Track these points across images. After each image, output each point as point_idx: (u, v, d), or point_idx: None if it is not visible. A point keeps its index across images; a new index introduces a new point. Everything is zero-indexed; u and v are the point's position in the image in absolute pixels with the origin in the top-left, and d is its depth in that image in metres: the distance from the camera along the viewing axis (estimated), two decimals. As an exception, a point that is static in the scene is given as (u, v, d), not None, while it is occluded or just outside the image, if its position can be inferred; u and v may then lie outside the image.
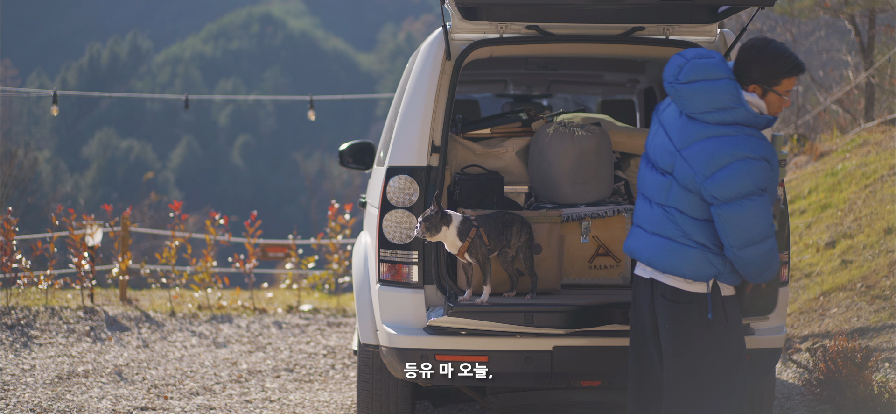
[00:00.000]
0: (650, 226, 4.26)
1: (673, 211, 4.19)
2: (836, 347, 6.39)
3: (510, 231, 4.98)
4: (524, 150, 5.82)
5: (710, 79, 4.14)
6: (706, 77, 4.14)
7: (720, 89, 4.12)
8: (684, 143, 4.16)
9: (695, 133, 4.15)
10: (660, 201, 4.23)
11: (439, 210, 4.80)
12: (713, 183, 4.05)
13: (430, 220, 4.78)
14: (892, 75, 14.80)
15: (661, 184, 4.22)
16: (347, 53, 70.61)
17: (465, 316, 4.81)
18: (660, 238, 4.22)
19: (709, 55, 4.23)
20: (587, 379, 5.12)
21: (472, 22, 5.28)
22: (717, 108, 4.12)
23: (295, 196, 52.95)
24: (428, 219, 4.78)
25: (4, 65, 49.48)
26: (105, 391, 7.57)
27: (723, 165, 4.05)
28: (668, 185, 4.20)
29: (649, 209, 4.29)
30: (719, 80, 4.14)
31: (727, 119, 4.12)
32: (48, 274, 10.92)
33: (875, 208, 9.88)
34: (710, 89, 4.12)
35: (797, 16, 15.31)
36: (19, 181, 29.00)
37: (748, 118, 4.12)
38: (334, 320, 10.87)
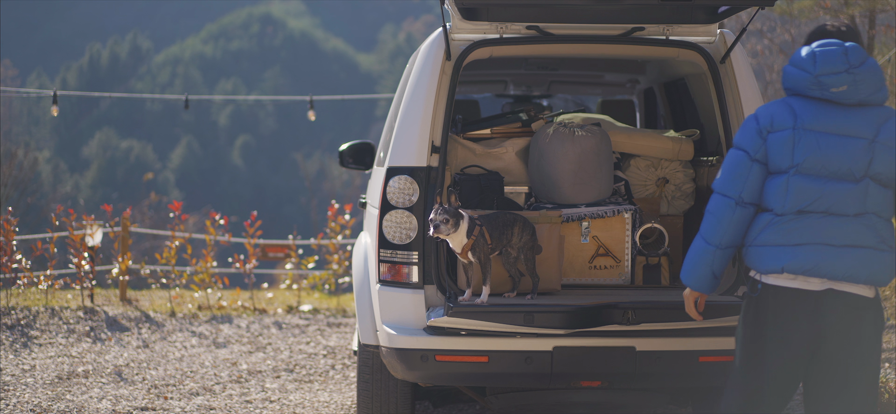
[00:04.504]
0: (841, 239, 4.03)
1: (871, 217, 4.06)
2: (836, 347, 6.37)
3: (512, 231, 4.98)
4: (524, 151, 5.82)
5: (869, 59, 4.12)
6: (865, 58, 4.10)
7: (877, 67, 4.12)
8: (873, 132, 4.05)
9: (873, 117, 4.07)
10: (854, 211, 4.04)
11: (456, 206, 4.83)
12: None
13: (454, 214, 4.79)
14: (893, 75, 14.81)
15: (853, 192, 4.03)
16: (347, 53, 70.60)
17: (465, 316, 4.81)
18: (860, 250, 4.03)
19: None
20: (587, 379, 5.12)
21: (472, 22, 5.29)
22: (881, 87, 4.10)
23: (295, 196, 52.95)
24: (451, 213, 4.79)
25: (4, 65, 49.48)
26: (105, 391, 7.57)
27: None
28: (863, 191, 4.04)
29: (830, 223, 4.04)
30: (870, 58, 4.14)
31: (886, 96, 4.11)
32: (48, 274, 10.92)
33: (875, 208, 9.88)
34: (874, 68, 4.11)
35: (797, 16, 15.29)
36: (19, 181, 29.00)
37: None
38: (334, 321, 10.87)
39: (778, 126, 4.10)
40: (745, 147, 4.16)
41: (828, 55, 4.06)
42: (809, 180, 4.05)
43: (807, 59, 4.09)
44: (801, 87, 4.11)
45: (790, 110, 4.11)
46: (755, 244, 4.14)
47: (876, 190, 4.04)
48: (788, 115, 4.10)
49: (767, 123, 4.12)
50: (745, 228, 4.20)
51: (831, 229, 4.03)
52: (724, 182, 4.19)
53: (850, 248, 4.02)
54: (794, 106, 4.12)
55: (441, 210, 4.80)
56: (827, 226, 4.04)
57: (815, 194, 4.04)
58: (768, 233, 4.10)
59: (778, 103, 4.17)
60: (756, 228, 4.16)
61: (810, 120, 4.07)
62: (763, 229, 4.12)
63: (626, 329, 4.80)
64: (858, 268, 4.00)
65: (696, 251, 4.26)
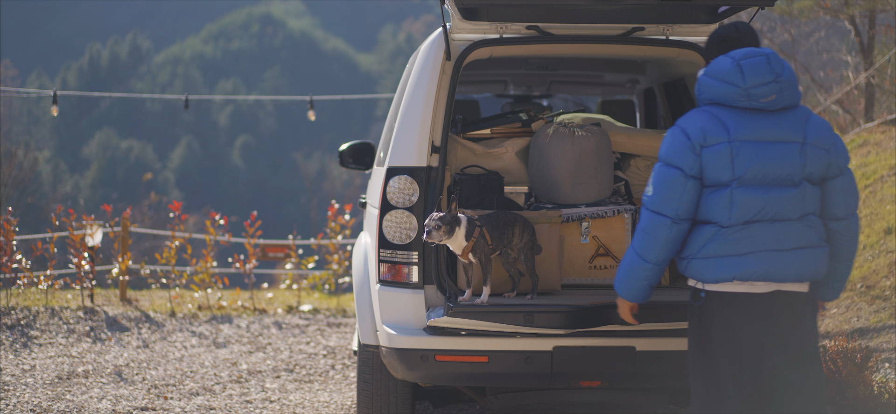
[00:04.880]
0: (786, 244, 4.12)
1: (811, 217, 4.17)
2: (836, 347, 6.39)
3: (512, 231, 4.98)
4: (524, 151, 5.82)
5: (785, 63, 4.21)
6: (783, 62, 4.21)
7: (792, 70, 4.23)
8: (802, 134, 4.16)
9: (797, 119, 4.18)
10: (793, 215, 4.13)
11: (455, 212, 4.82)
12: (840, 150, 4.21)
13: (449, 222, 4.79)
14: (892, 75, 14.80)
15: (794, 196, 4.13)
16: (347, 54, 70.60)
17: (465, 316, 4.81)
18: (804, 250, 4.14)
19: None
20: (587, 379, 5.12)
21: (472, 22, 5.29)
22: (798, 87, 4.22)
23: (295, 196, 52.95)
24: (446, 221, 4.79)
25: (4, 65, 49.49)
26: (105, 391, 7.57)
27: (834, 133, 4.23)
28: (802, 194, 4.14)
29: (775, 229, 4.12)
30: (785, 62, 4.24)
31: (801, 95, 4.26)
32: (48, 274, 10.92)
33: (875, 208, 9.88)
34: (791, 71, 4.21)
35: (797, 16, 15.31)
36: (19, 181, 29.01)
37: None
38: (334, 321, 10.87)
39: (711, 140, 4.11)
40: (678, 165, 4.14)
41: (755, 67, 4.12)
42: (753, 191, 4.10)
43: (734, 73, 4.12)
44: (729, 99, 4.14)
45: (720, 123, 4.13)
46: (699, 257, 4.16)
47: (811, 190, 4.16)
48: (720, 128, 4.12)
49: (700, 138, 4.12)
50: (680, 243, 4.22)
51: (778, 235, 4.11)
52: (659, 201, 4.16)
53: (797, 250, 4.12)
54: (721, 117, 4.14)
55: (436, 217, 4.79)
56: (773, 232, 4.11)
57: (760, 204, 4.10)
58: (714, 245, 4.12)
59: (702, 115, 4.17)
60: (699, 241, 4.16)
61: (744, 131, 4.11)
62: (708, 242, 4.13)
63: (626, 329, 4.80)
64: (804, 268, 4.13)
65: (631, 266, 4.27)
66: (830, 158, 4.18)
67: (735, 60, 4.15)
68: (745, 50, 4.19)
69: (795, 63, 17.60)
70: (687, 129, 4.16)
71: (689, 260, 4.20)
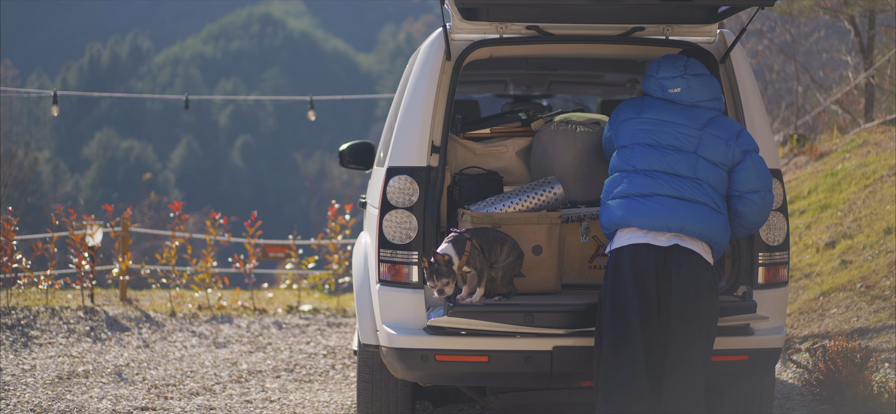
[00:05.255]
0: (680, 192, 4.69)
1: (703, 183, 4.75)
2: (836, 347, 6.39)
3: (501, 249, 4.98)
4: (524, 150, 5.82)
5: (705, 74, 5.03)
6: (703, 71, 5.01)
7: (713, 82, 5.03)
8: (701, 125, 4.86)
9: (702, 115, 4.91)
10: (687, 173, 4.77)
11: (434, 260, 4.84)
12: (745, 138, 4.85)
13: (439, 269, 4.84)
14: (892, 75, 14.80)
15: (686, 159, 4.79)
16: (347, 54, 70.61)
17: (466, 316, 4.81)
18: (695, 204, 4.68)
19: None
20: (587, 379, 5.12)
21: (472, 22, 5.29)
22: (716, 98, 5.00)
23: (295, 196, 52.95)
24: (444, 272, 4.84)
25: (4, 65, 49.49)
26: (105, 391, 7.57)
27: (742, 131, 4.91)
28: (694, 161, 4.78)
29: (673, 180, 4.73)
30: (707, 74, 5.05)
31: (721, 107, 5.01)
32: (48, 274, 10.92)
33: (875, 208, 9.88)
34: (709, 81, 5.02)
35: (797, 16, 15.31)
36: (19, 181, 29.01)
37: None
38: (334, 320, 10.87)
39: (624, 117, 5.00)
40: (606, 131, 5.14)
41: (667, 62, 5.01)
42: (651, 149, 4.83)
43: (653, 66, 5.04)
44: (650, 90, 5.02)
45: (638, 106, 5.01)
46: (613, 197, 4.82)
47: (704, 164, 4.77)
48: (636, 109, 5.00)
49: (616, 117, 5.05)
50: None
51: (676, 184, 4.72)
52: None
53: (693, 203, 4.68)
54: (643, 103, 5.01)
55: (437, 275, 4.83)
56: (672, 181, 4.73)
57: (658, 156, 4.79)
58: (623, 186, 4.79)
59: (632, 101, 5.08)
60: (611, 186, 4.86)
61: (651, 112, 4.94)
62: (618, 184, 4.82)
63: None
64: (700, 222, 4.65)
65: None
66: (730, 146, 4.80)
67: (658, 58, 5.08)
68: (675, 55, 5.08)
69: (795, 63, 17.60)
70: (616, 110, 5.12)
71: (603, 205, 4.86)
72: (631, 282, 4.61)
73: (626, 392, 4.54)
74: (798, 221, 10.74)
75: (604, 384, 4.59)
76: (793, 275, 9.35)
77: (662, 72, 4.99)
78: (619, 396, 4.55)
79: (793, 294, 8.91)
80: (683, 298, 4.59)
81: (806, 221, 10.61)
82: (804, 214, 10.87)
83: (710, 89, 4.98)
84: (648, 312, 4.61)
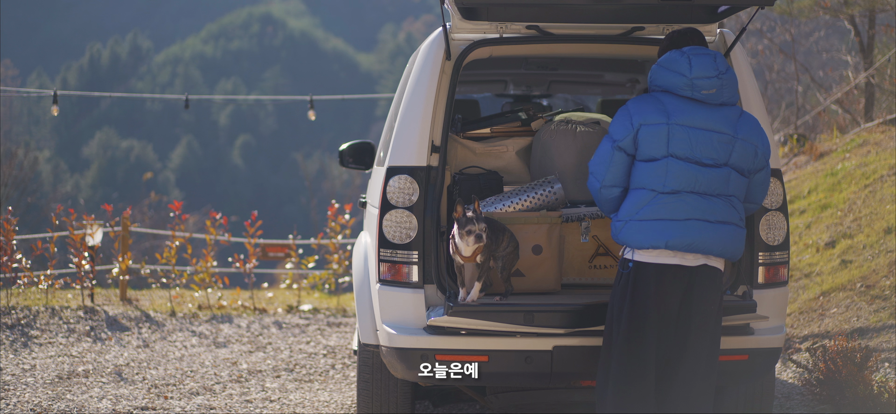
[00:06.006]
0: (714, 215, 4.56)
1: (733, 198, 4.62)
2: (836, 347, 6.39)
3: (502, 238, 4.98)
4: (524, 150, 5.82)
5: (729, 67, 4.71)
6: (727, 65, 4.71)
7: (735, 75, 4.73)
8: (733, 129, 4.62)
9: (731, 116, 4.66)
10: (721, 191, 4.59)
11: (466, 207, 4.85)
12: (766, 147, 4.72)
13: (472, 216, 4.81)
14: (892, 75, 14.80)
15: (719, 176, 4.59)
16: (347, 53, 70.59)
17: (466, 316, 4.81)
18: (726, 226, 4.58)
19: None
20: (587, 379, 5.12)
21: (472, 22, 5.29)
22: (737, 91, 4.72)
23: (295, 196, 52.95)
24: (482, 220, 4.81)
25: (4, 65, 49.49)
26: (105, 391, 7.57)
27: (763, 131, 4.74)
28: (726, 176, 4.60)
29: (708, 202, 4.57)
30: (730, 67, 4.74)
31: (739, 98, 4.80)
32: (48, 274, 10.92)
33: (875, 208, 9.88)
34: (733, 75, 4.71)
35: (797, 16, 15.31)
36: (19, 181, 29.01)
37: None
38: (334, 320, 10.87)
39: (651, 120, 4.61)
40: (613, 135, 4.68)
41: (701, 61, 4.63)
42: (685, 165, 4.57)
43: (682, 63, 4.64)
44: (675, 88, 4.64)
45: (662, 107, 4.63)
46: (636, 219, 4.59)
47: (735, 177, 4.61)
48: (661, 111, 4.62)
49: (640, 118, 4.63)
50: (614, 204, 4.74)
51: (708, 207, 4.57)
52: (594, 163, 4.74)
53: (723, 224, 4.57)
54: (665, 103, 4.64)
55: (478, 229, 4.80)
56: (704, 203, 4.57)
57: (692, 176, 4.56)
58: (651, 208, 4.57)
59: (649, 99, 4.68)
60: (637, 203, 4.60)
61: (682, 116, 4.60)
62: (645, 205, 4.58)
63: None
64: (726, 243, 4.57)
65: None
66: (757, 152, 4.67)
67: (685, 53, 4.66)
68: (694, 47, 4.70)
69: (795, 63, 17.60)
70: (631, 109, 4.67)
71: (626, 223, 4.61)
72: (653, 299, 4.54)
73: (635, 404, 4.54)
74: (798, 220, 10.74)
75: (612, 397, 4.58)
76: (793, 275, 9.35)
77: (697, 71, 4.61)
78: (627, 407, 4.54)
79: (793, 294, 8.91)
80: (704, 313, 4.59)
81: (806, 221, 10.61)
82: (804, 214, 10.87)
83: (736, 83, 4.73)
84: (666, 327, 4.58)
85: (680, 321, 4.57)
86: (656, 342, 4.55)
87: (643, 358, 4.54)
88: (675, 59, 4.65)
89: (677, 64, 4.63)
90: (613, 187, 4.68)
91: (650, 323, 4.53)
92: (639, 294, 4.55)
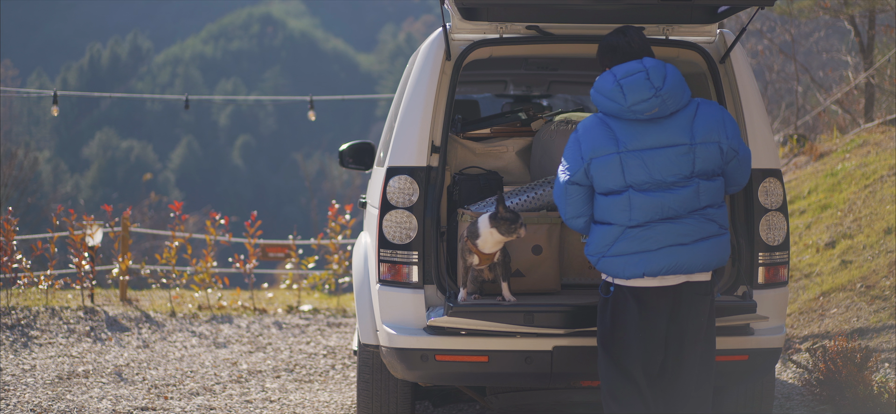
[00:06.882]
0: (690, 236, 4.43)
1: (707, 209, 4.46)
2: (836, 347, 6.39)
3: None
4: (524, 150, 5.82)
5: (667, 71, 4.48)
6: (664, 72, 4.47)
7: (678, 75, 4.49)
8: (690, 136, 4.43)
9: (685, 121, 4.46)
10: (693, 207, 4.44)
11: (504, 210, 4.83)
12: (731, 133, 4.50)
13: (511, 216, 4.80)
14: (892, 75, 14.80)
15: (687, 194, 4.42)
16: (347, 54, 70.62)
17: (465, 316, 4.81)
18: (705, 241, 4.45)
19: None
20: (587, 379, 5.12)
21: (472, 22, 5.28)
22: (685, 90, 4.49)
23: (295, 196, 52.97)
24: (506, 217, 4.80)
25: (4, 65, 49.50)
26: (105, 391, 7.57)
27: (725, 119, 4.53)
28: (695, 191, 4.43)
29: (681, 225, 4.42)
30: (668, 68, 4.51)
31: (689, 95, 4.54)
32: (48, 274, 10.92)
33: (875, 208, 9.88)
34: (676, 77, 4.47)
35: (797, 16, 15.32)
36: (19, 181, 29.01)
37: None
38: (334, 320, 10.87)
39: (601, 151, 4.43)
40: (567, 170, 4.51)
41: (634, 85, 4.39)
42: (648, 194, 4.40)
43: (615, 91, 4.41)
44: (617, 114, 4.44)
45: (611, 134, 4.44)
46: (610, 255, 4.46)
47: (705, 186, 4.44)
48: (610, 140, 4.43)
49: (590, 151, 4.44)
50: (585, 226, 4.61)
51: (681, 230, 4.42)
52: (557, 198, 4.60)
53: (701, 241, 4.43)
54: (613, 128, 4.44)
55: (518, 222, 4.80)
56: (676, 227, 4.41)
57: (657, 205, 4.39)
58: (622, 243, 4.43)
59: (598, 126, 4.47)
60: (606, 240, 4.46)
61: (632, 141, 4.41)
62: (615, 241, 4.44)
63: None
64: (710, 257, 4.45)
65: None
66: (722, 149, 4.46)
67: (616, 79, 4.43)
68: (626, 66, 4.44)
69: (795, 63, 17.60)
70: (581, 139, 4.50)
71: (600, 258, 4.51)
72: (637, 322, 4.47)
73: None
74: (798, 220, 10.74)
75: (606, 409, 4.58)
76: (793, 275, 9.35)
77: (632, 97, 4.40)
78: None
79: (793, 294, 8.91)
80: (696, 324, 4.54)
81: (806, 221, 10.62)
82: (804, 214, 10.87)
83: (681, 85, 4.45)
84: (655, 343, 4.52)
85: (672, 334, 4.52)
86: (642, 359, 4.49)
87: (631, 376, 4.51)
88: (608, 87, 4.45)
89: (611, 92, 4.43)
90: (578, 218, 4.58)
91: (635, 344, 4.48)
92: (621, 317, 4.49)
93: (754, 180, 5.12)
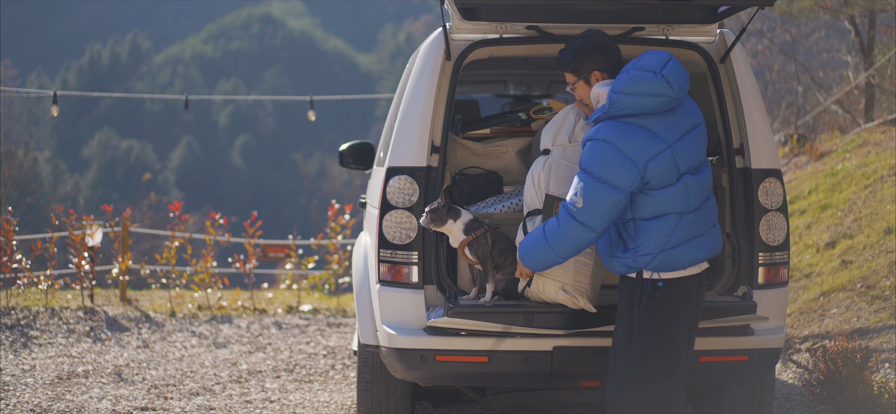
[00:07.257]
0: (708, 223, 4.46)
1: (712, 197, 4.50)
2: (836, 347, 6.39)
3: (512, 258, 4.96)
4: (524, 150, 5.82)
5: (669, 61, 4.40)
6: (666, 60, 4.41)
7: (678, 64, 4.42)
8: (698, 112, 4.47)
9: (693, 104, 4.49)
10: (706, 197, 4.46)
11: (446, 203, 4.87)
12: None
13: (436, 212, 4.88)
14: (892, 75, 14.81)
15: (707, 174, 4.46)
16: (347, 54, 70.63)
17: (465, 316, 4.81)
18: (714, 229, 4.50)
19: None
20: (587, 379, 5.12)
21: (472, 22, 5.28)
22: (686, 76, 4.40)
23: (295, 196, 52.98)
24: (434, 211, 4.88)
25: (4, 65, 49.52)
26: (105, 391, 7.57)
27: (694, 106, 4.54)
28: (709, 171, 4.47)
29: (705, 211, 4.44)
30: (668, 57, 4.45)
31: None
32: (48, 274, 10.92)
33: (875, 208, 9.88)
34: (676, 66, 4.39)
35: (797, 16, 15.31)
36: (19, 181, 29.02)
37: None
38: (334, 321, 10.87)
39: (653, 151, 4.28)
40: (618, 185, 4.27)
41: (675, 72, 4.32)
42: (696, 176, 4.38)
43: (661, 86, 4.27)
44: (654, 109, 4.30)
45: (653, 134, 4.30)
46: (668, 248, 4.35)
47: (707, 170, 4.46)
48: (656, 139, 4.29)
49: (645, 156, 4.27)
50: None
51: (711, 216, 4.47)
52: (592, 216, 4.31)
53: (712, 229, 4.48)
54: (651, 127, 4.31)
55: (429, 207, 4.90)
56: (707, 213, 4.45)
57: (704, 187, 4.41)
58: (680, 232, 4.36)
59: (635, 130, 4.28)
60: (664, 232, 4.34)
61: (674, 133, 4.34)
62: (674, 230, 4.35)
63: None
64: (716, 245, 4.48)
65: (540, 251, 4.50)
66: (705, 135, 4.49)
67: (657, 73, 4.29)
68: (655, 58, 4.35)
69: (795, 63, 17.61)
70: (624, 149, 4.27)
71: (659, 253, 4.33)
72: (683, 312, 4.45)
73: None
74: (798, 220, 10.74)
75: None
76: (793, 275, 9.35)
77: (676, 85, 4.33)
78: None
79: (793, 294, 8.91)
80: (699, 316, 4.58)
81: (806, 221, 10.61)
82: (804, 214, 10.87)
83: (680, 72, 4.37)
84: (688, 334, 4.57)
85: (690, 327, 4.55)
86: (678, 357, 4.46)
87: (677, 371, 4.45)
88: (652, 84, 4.29)
89: (657, 87, 4.29)
90: (606, 232, 4.45)
91: (681, 336, 4.44)
92: (671, 310, 4.40)
93: (755, 180, 5.12)
